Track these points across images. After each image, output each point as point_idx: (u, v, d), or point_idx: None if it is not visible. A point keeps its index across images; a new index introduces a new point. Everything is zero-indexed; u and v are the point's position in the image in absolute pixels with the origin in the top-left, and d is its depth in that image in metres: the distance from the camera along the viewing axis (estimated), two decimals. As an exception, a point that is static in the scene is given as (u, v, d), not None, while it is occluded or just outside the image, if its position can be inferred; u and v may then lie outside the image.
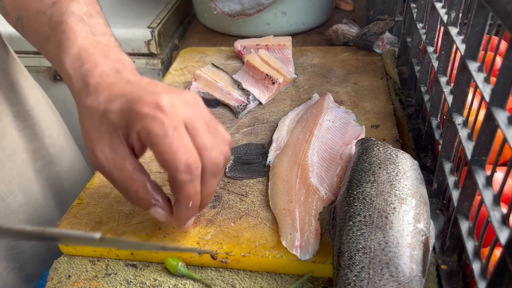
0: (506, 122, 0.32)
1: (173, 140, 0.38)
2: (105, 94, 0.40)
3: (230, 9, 0.90)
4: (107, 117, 0.40)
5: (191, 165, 0.39)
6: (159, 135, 0.38)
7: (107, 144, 0.40)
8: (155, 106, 0.38)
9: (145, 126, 0.38)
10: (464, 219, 0.40)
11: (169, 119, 0.38)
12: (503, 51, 0.35)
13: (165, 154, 0.38)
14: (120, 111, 0.39)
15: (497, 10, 0.34)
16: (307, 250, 0.45)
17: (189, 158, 0.39)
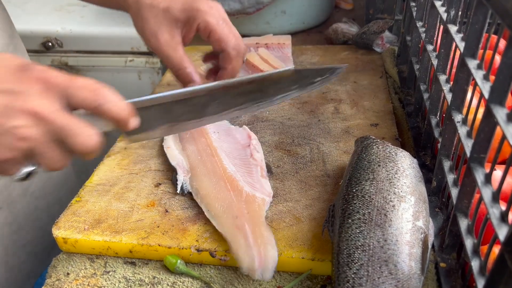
0: (505, 119, 0.32)
1: (223, 27, 0.54)
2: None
3: (230, 8, 0.90)
4: (169, 12, 0.54)
5: (239, 45, 0.56)
6: (215, 23, 0.54)
7: (167, 31, 0.55)
8: (208, 6, 0.54)
9: (205, 18, 0.54)
10: (463, 216, 0.40)
11: (218, 14, 0.55)
12: (502, 49, 0.35)
13: (221, 36, 0.54)
14: (182, 8, 0.54)
15: (496, 8, 0.34)
16: (267, 267, 0.43)
17: (238, 42, 0.55)
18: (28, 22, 1.05)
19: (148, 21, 0.55)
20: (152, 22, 0.55)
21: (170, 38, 0.55)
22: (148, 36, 0.56)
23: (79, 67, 1.07)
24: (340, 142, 0.61)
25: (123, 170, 0.58)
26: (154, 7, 0.54)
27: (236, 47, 0.55)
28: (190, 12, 0.54)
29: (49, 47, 1.04)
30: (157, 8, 0.54)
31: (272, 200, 0.51)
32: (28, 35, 1.03)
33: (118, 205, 0.52)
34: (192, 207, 0.51)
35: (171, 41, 0.55)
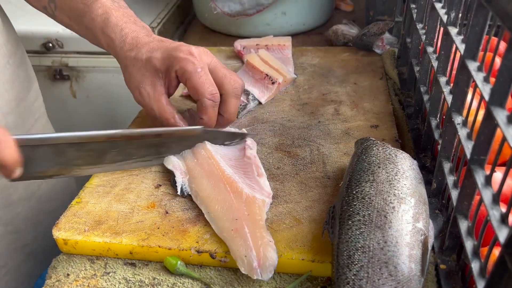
0: (506, 121, 0.32)
1: (201, 75, 0.54)
2: (146, 48, 0.56)
3: (230, 9, 0.90)
4: (150, 62, 0.56)
5: (214, 94, 0.55)
6: (192, 72, 0.54)
7: (149, 83, 0.56)
8: (188, 53, 0.55)
9: (182, 65, 0.54)
10: (463, 218, 0.40)
11: (198, 61, 0.55)
12: (502, 51, 0.35)
13: (196, 85, 0.54)
14: (161, 58, 0.55)
15: (496, 10, 0.34)
16: (267, 268, 0.43)
17: (212, 89, 0.55)
18: (28, 23, 1.05)
19: (132, 75, 0.57)
20: (135, 75, 0.57)
21: (152, 91, 0.56)
22: (132, 89, 0.58)
23: (79, 68, 1.07)
24: (340, 143, 0.61)
25: (123, 171, 0.58)
26: (137, 59, 0.56)
27: (214, 97, 0.55)
28: (168, 60, 0.55)
29: (49, 48, 1.04)
30: (140, 60, 0.56)
31: (272, 201, 0.51)
32: (28, 36, 1.03)
33: (118, 206, 0.52)
34: (193, 208, 0.51)
35: (153, 93, 0.56)
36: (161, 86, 0.57)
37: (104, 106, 1.12)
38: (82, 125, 1.17)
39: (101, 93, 1.10)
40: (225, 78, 0.56)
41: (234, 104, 0.58)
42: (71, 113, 1.15)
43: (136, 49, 0.56)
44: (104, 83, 1.08)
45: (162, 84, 0.57)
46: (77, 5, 0.59)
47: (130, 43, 0.57)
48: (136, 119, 0.69)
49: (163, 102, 0.57)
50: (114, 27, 0.57)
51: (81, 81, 1.09)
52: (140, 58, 0.56)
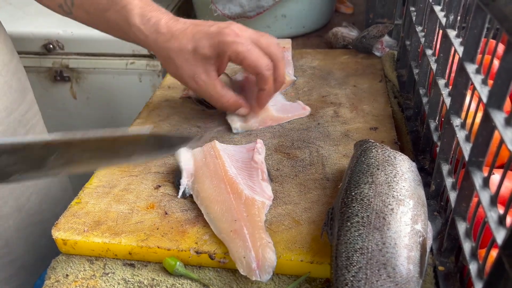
0: (503, 123, 0.32)
1: (253, 52, 0.56)
2: (186, 37, 0.56)
3: (230, 12, 0.91)
4: (198, 51, 0.56)
5: (269, 64, 0.58)
6: (245, 52, 0.56)
7: (202, 72, 0.57)
8: (234, 35, 0.55)
9: (234, 49, 0.55)
10: (462, 220, 0.40)
11: (245, 40, 0.56)
12: (500, 54, 0.35)
13: (253, 62, 0.56)
14: (209, 45, 0.56)
15: (495, 13, 0.34)
16: (266, 269, 0.43)
17: (267, 62, 0.57)
18: (29, 25, 1.05)
19: (182, 67, 0.57)
20: (185, 67, 0.57)
21: (207, 78, 0.58)
22: (186, 80, 0.59)
23: (80, 70, 1.07)
24: (340, 145, 0.61)
25: (123, 172, 0.58)
26: (183, 50, 0.56)
27: (269, 67, 0.57)
28: (218, 46, 0.56)
29: (50, 49, 1.04)
30: (186, 51, 0.56)
31: (271, 203, 0.51)
32: (29, 38, 1.03)
33: (117, 207, 0.53)
34: (192, 209, 0.52)
35: (208, 80, 0.58)
36: (214, 71, 0.58)
37: (104, 107, 1.13)
38: (82, 126, 1.17)
39: (102, 95, 1.11)
40: (268, 47, 0.58)
41: (282, 67, 0.60)
42: (72, 114, 1.15)
43: (174, 39, 0.56)
44: (105, 85, 1.09)
45: (214, 69, 0.58)
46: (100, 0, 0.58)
47: (164, 32, 0.57)
48: (137, 120, 0.69)
49: (218, 87, 0.59)
50: (142, 17, 0.57)
51: (81, 83, 1.09)
52: (185, 48, 0.56)
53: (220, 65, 0.60)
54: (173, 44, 0.56)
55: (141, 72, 1.05)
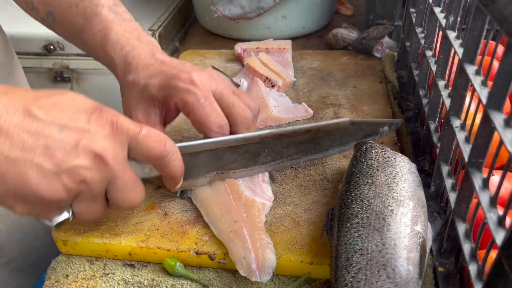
0: (503, 124, 0.32)
1: (205, 106, 0.48)
2: (145, 72, 0.50)
3: (230, 13, 0.91)
4: (147, 90, 0.50)
5: (222, 125, 0.48)
6: (194, 103, 0.48)
7: (142, 112, 0.51)
8: (189, 82, 0.48)
9: (182, 97, 0.48)
10: (461, 221, 0.40)
11: (200, 91, 0.48)
12: (500, 55, 0.35)
13: (200, 118, 0.48)
14: (159, 85, 0.49)
15: (494, 14, 0.35)
16: (266, 270, 0.43)
17: (220, 120, 0.48)
18: (30, 25, 1.05)
19: (127, 100, 0.52)
20: (130, 101, 0.51)
21: (145, 119, 0.51)
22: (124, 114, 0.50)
23: (80, 70, 1.07)
24: (340, 146, 0.61)
25: (123, 172, 0.58)
26: (135, 84, 0.51)
27: (222, 129, 0.49)
28: (167, 90, 0.49)
29: (50, 50, 1.04)
30: (137, 86, 0.51)
31: (271, 205, 0.52)
32: (30, 38, 1.04)
33: (117, 207, 0.53)
34: (192, 210, 0.52)
35: (145, 122, 0.51)
36: (156, 115, 0.51)
37: (104, 108, 1.13)
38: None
39: (102, 96, 1.11)
40: (233, 107, 0.49)
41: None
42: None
43: (135, 73, 0.51)
44: (105, 86, 1.09)
45: (157, 113, 0.51)
46: (77, 20, 0.54)
47: (130, 64, 0.52)
48: (136, 121, 0.69)
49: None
50: (115, 44, 0.52)
51: (81, 83, 1.09)
52: (137, 83, 0.50)
53: (167, 112, 0.52)
54: (130, 77, 0.51)
55: (142, 73, 1.05)
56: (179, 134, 0.65)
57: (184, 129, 0.66)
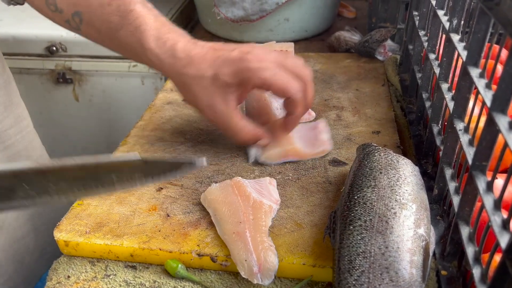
0: (507, 127, 0.32)
1: (280, 77, 0.51)
2: (206, 63, 0.51)
3: (233, 15, 0.91)
4: (219, 79, 0.51)
5: (301, 87, 0.53)
6: (271, 77, 0.51)
7: (221, 101, 0.52)
8: (257, 60, 0.51)
9: (259, 76, 0.51)
10: (465, 224, 0.40)
11: (271, 64, 0.51)
12: (503, 59, 0.35)
13: (281, 87, 0.51)
14: (231, 73, 0.51)
15: (499, 17, 0.35)
16: (267, 273, 0.43)
17: (298, 84, 0.52)
18: (32, 27, 1.06)
19: (199, 95, 0.53)
20: (203, 95, 0.52)
21: (226, 108, 0.53)
22: (203, 109, 0.54)
23: (82, 72, 1.07)
24: (342, 149, 0.61)
25: (125, 174, 0.58)
26: (202, 77, 0.51)
27: (300, 88, 0.52)
28: (241, 73, 0.51)
29: (53, 51, 1.04)
30: (205, 78, 0.51)
31: (279, 207, 0.51)
32: (32, 40, 1.04)
33: (119, 209, 0.52)
34: (194, 211, 0.51)
35: (226, 110, 0.53)
36: (233, 100, 0.53)
37: (106, 109, 1.13)
38: (84, 128, 1.17)
39: (104, 97, 1.11)
40: (295, 68, 0.53)
41: (311, 88, 0.55)
42: (74, 116, 1.15)
43: (192, 64, 0.51)
44: (107, 87, 1.09)
45: (234, 99, 0.53)
46: (111, 18, 0.53)
47: (181, 57, 0.52)
48: (139, 122, 0.69)
49: (237, 119, 0.54)
50: (157, 40, 0.52)
51: (84, 85, 1.10)
52: (203, 75, 0.51)
53: (241, 94, 0.54)
54: (191, 70, 0.51)
55: (144, 74, 1.05)
56: (182, 136, 0.65)
57: (187, 130, 0.66)
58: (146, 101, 0.80)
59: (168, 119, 0.69)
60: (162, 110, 0.72)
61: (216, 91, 0.52)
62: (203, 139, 0.64)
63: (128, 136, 0.66)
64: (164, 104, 0.74)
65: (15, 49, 1.06)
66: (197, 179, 0.57)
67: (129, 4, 0.53)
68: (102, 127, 1.16)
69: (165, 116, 0.70)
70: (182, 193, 0.54)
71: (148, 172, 0.41)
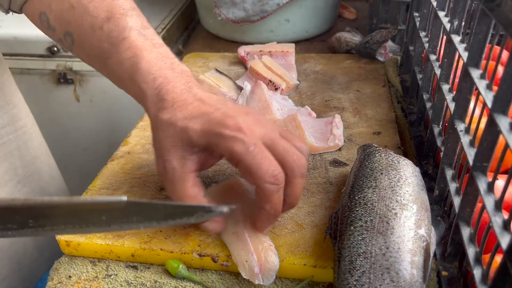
0: (508, 128, 0.32)
1: (255, 155, 0.42)
2: (183, 112, 0.44)
3: (234, 16, 0.91)
4: (186, 133, 0.43)
5: (277, 175, 0.42)
6: (243, 152, 0.41)
7: (177, 158, 0.44)
8: (235, 128, 0.42)
9: (228, 146, 0.42)
10: (465, 225, 0.40)
11: (249, 138, 0.42)
12: (504, 60, 0.35)
13: (251, 168, 0.42)
14: (201, 131, 0.43)
15: (500, 18, 0.35)
16: (268, 273, 0.43)
17: (273, 169, 0.42)
18: (34, 27, 1.06)
19: (160, 141, 0.45)
20: (162, 143, 0.45)
21: (179, 167, 0.45)
22: (156, 158, 0.47)
23: (83, 72, 1.07)
24: (343, 149, 0.61)
25: (127, 174, 0.58)
26: (171, 125, 0.44)
27: (277, 178, 0.42)
28: (210, 137, 0.43)
29: (54, 52, 1.05)
30: (173, 127, 0.44)
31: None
32: (33, 40, 1.04)
33: (120, 209, 0.52)
34: (195, 212, 0.52)
35: (179, 169, 0.45)
36: (192, 162, 0.45)
37: (107, 110, 1.13)
38: (85, 129, 1.18)
39: (105, 97, 1.11)
40: (287, 154, 0.43)
41: (300, 186, 0.44)
42: (74, 117, 1.16)
43: (171, 110, 0.45)
44: (108, 88, 1.09)
45: (193, 161, 0.45)
46: (101, 44, 0.48)
47: (164, 99, 0.45)
48: (140, 123, 0.69)
49: (188, 184, 0.45)
50: (146, 75, 0.46)
51: (84, 85, 1.10)
52: (173, 124, 0.44)
53: (205, 160, 0.46)
54: (165, 115, 0.45)
55: (145, 75, 1.05)
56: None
57: (187, 131, 0.66)
58: (147, 101, 0.80)
59: (169, 119, 0.70)
60: (163, 110, 0.72)
61: (177, 145, 0.44)
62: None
63: (129, 136, 0.66)
64: (165, 104, 0.74)
65: (17, 49, 1.06)
66: (198, 179, 0.57)
67: (123, 31, 0.47)
68: (103, 127, 1.16)
69: (166, 117, 0.70)
70: (183, 194, 0.54)
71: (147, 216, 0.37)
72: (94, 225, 0.35)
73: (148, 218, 0.35)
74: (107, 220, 0.35)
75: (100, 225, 0.35)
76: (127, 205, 0.34)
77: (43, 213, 0.35)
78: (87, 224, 0.35)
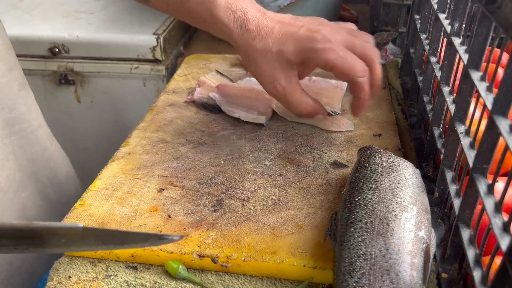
0: (508, 130, 0.32)
1: (345, 59, 0.52)
2: (272, 38, 0.53)
3: (235, 17, 0.91)
4: (283, 56, 0.53)
5: (364, 70, 0.53)
6: (336, 59, 0.52)
7: (283, 77, 0.55)
8: (324, 41, 0.52)
9: (323, 57, 0.52)
10: (465, 227, 0.40)
11: (337, 45, 0.52)
12: (504, 62, 0.35)
13: (345, 70, 0.52)
14: (296, 51, 0.53)
15: (500, 21, 0.35)
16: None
17: (362, 67, 0.53)
18: (35, 28, 1.06)
19: (262, 68, 0.55)
20: (266, 69, 0.55)
21: (287, 84, 0.55)
22: (265, 83, 0.56)
23: (84, 73, 1.08)
24: (343, 151, 0.61)
25: (127, 175, 0.58)
26: (267, 52, 0.53)
27: (364, 72, 0.53)
28: (305, 53, 0.53)
29: (55, 52, 1.05)
30: (270, 53, 0.53)
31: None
32: (35, 41, 1.04)
33: (121, 209, 0.53)
34: (195, 213, 0.52)
35: (288, 86, 0.55)
36: (295, 77, 0.56)
37: (108, 111, 1.13)
38: (85, 129, 1.18)
39: (106, 98, 1.11)
40: (364, 48, 0.54)
41: (379, 69, 0.55)
42: (75, 118, 1.16)
43: (259, 38, 0.53)
44: (109, 88, 1.09)
45: (295, 75, 0.56)
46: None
47: (250, 29, 0.53)
48: (141, 124, 0.69)
49: (298, 93, 0.56)
50: (225, 10, 0.54)
51: (85, 86, 1.10)
52: (268, 50, 0.53)
53: (303, 71, 0.57)
54: (258, 44, 0.53)
55: (146, 76, 1.06)
56: (183, 137, 0.65)
57: (188, 132, 0.67)
58: (147, 102, 0.81)
59: (169, 120, 0.70)
60: (163, 111, 0.72)
61: (279, 67, 0.54)
62: (205, 141, 0.64)
63: (130, 137, 0.66)
64: (166, 105, 0.74)
65: (18, 50, 1.06)
66: (198, 180, 0.57)
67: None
68: (104, 128, 1.16)
69: (166, 118, 0.70)
70: (184, 194, 0.54)
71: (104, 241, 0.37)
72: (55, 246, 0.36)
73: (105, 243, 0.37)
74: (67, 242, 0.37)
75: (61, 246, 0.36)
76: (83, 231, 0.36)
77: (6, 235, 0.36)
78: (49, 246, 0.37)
